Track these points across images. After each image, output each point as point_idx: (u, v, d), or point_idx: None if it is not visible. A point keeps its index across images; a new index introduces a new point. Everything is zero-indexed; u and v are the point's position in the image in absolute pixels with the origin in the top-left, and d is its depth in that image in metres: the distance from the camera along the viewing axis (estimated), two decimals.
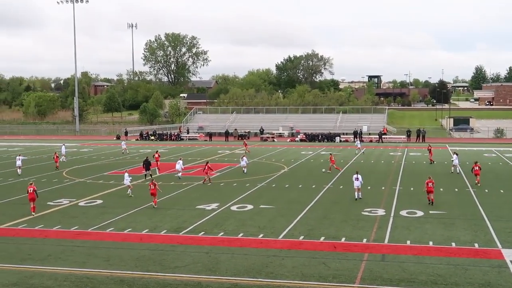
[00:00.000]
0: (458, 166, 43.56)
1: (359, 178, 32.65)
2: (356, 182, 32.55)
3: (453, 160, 43.77)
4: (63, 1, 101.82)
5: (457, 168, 43.52)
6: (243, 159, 45.55)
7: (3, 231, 25.56)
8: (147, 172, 41.71)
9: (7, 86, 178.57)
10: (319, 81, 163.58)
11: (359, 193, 32.57)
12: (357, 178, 32.61)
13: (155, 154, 49.33)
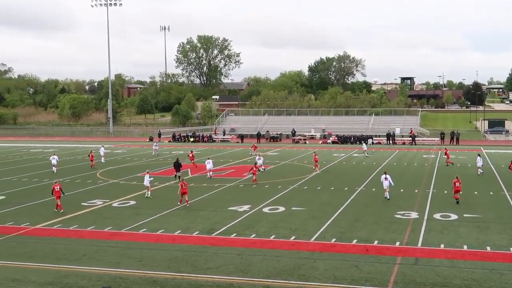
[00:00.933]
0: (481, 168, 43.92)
1: (388, 178, 33.09)
2: (385, 182, 33.01)
3: (477, 162, 44.07)
4: (97, 4, 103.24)
5: (479, 170, 43.83)
6: (260, 158, 46.81)
7: (39, 231, 25.99)
8: (178, 174, 41.97)
9: (43, 88, 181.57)
10: (351, 83, 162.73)
11: (387, 194, 32.92)
12: (386, 178, 33.08)
13: (189, 153, 50.68)
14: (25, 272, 19.67)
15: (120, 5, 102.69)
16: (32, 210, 30.87)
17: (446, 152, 51.84)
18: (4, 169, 49.99)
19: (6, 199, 34.51)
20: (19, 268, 20.08)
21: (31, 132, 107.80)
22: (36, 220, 28.22)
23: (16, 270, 19.88)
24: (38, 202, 33.28)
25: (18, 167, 52.04)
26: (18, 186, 39.93)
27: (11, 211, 30.75)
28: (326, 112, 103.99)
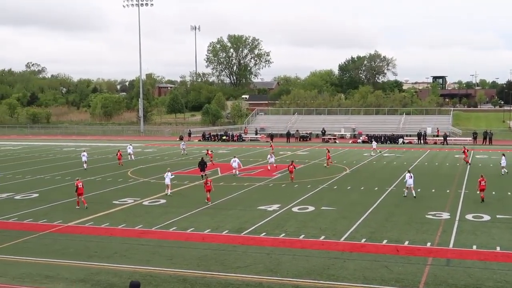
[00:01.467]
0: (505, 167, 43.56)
1: (412, 176, 33.67)
2: (409, 180, 33.44)
3: (502, 161, 43.89)
4: (128, 5, 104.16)
5: (503, 170, 43.49)
6: (272, 155, 48.83)
7: (71, 229, 26.35)
8: (203, 173, 42.13)
9: (75, 88, 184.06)
10: (382, 82, 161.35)
11: (413, 191, 33.27)
12: (410, 176, 33.56)
13: (207, 151, 53.51)
14: (58, 269, 19.96)
15: (151, 5, 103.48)
16: (65, 208, 31.30)
17: (464, 152, 51.53)
18: (37, 168, 50.79)
19: (40, 197, 35.07)
20: (52, 265, 20.38)
21: (63, 131, 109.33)
22: (69, 217, 28.61)
23: (48, 267, 20.19)
24: (70, 200, 33.70)
25: (51, 165, 52.83)
26: (51, 184, 40.54)
27: (44, 208, 31.23)
28: (357, 111, 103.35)
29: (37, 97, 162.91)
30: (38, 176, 44.78)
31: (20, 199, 34.66)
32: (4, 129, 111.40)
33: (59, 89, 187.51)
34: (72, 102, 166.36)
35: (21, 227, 26.72)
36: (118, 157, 52.51)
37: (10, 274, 19.34)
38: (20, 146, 77.73)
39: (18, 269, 19.98)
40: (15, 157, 62.07)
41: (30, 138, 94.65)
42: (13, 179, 43.48)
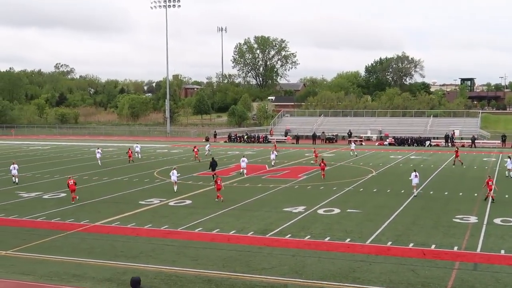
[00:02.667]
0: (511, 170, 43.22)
1: (418, 176, 34.98)
2: (415, 179, 34.65)
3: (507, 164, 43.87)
4: (156, 6, 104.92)
5: (510, 173, 43.23)
6: (274, 152, 53.25)
7: (98, 228, 26.60)
8: (214, 173, 42.28)
9: (103, 89, 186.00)
10: (409, 84, 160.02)
11: (415, 190, 34.73)
12: (416, 175, 34.73)
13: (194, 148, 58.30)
14: (85, 268, 20.17)
15: (178, 6, 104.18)
16: (92, 208, 31.63)
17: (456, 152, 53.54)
18: (65, 167, 51.41)
19: (67, 197, 35.42)
20: (79, 264, 20.59)
21: (91, 131, 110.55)
22: (96, 217, 28.89)
23: (76, 266, 20.40)
24: (97, 200, 34.08)
25: (79, 165, 53.43)
26: (78, 184, 40.82)
27: (71, 208, 31.59)
28: (383, 113, 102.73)
29: (65, 98, 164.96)
30: (66, 176, 45.20)
31: (48, 198, 35.11)
32: (33, 129, 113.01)
33: (87, 89, 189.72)
34: (100, 103, 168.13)
35: (49, 226, 27.06)
36: (129, 155, 56.06)
37: (38, 273, 19.59)
38: (49, 146, 78.77)
39: (46, 267, 20.24)
40: (44, 156, 62.92)
41: (58, 138, 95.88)
42: (41, 179, 44.08)
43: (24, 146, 78.59)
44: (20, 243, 23.71)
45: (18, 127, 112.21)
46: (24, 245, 23.37)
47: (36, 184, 41.24)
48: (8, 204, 32.86)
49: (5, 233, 25.81)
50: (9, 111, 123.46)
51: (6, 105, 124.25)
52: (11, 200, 34.37)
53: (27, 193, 36.75)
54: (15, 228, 26.76)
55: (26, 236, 24.97)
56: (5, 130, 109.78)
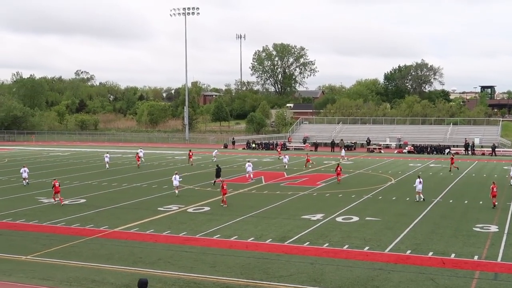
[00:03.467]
0: None
1: (422, 182, 35.72)
2: (419, 186, 35.36)
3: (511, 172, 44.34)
4: (175, 13, 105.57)
5: None
6: (286, 157, 56.92)
7: (117, 234, 26.74)
8: (218, 180, 42.65)
9: (123, 96, 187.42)
10: (429, 92, 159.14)
11: (421, 196, 35.49)
12: (420, 181, 35.48)
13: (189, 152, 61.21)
14: (104, 273, 20.28)
15: (197, 14, 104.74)
16: (111, 214, 31.81)
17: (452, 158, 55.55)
18: (85, 174, 51.80)
19: (87, 202, 35.73)
20: (98, 270, 20.71)
21: (111, 138, 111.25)
22: (115, 223, 29.06)
23: (95, 271, 20.53)
24: (117, 206, 34.28)
25: (98, 171, 53.81)
26: (98, 190, 41.27)
27: (91, 214, 31.80)
28: (402, 121, 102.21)
29: (85, 104, 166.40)
30: (85, 182, 45.66)
31: (68, 204, 35.37)
32: (53, 135, 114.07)
33: (106, 96, 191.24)
34: (119, 110, 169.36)
35: (68, 232, 27.26)
36: (137, 159, 58.66)
37: (58, 278, 19.73)
38: (69, 152, 79.44)
39: (65, 272, 20.39)
40: (63, 162, 63.46)
41: (78, 144, 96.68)
42: (61, 185, 44.25)
43: (44, 152, 79.33)
44: (40, 248, 23.92)
45: (39, 133, 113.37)
46: (44, 250, 23.58)
47: None
48: (28, 210, 33.18)
49: (26, 238, 26.05)
50: (30, 117, 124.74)
51: (27, 111, 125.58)
52: (31, 205, 34.69)
53: (47, 199, 37.05)
54: (35, 233, 26.99)
55: (46, 242, 25.19)
56: (26, 136, 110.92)
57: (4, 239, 25.71)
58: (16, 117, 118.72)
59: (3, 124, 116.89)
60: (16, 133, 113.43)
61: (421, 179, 35.93)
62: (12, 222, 29.58)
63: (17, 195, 38.67)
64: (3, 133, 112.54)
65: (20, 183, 44.63)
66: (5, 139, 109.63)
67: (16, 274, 20.18)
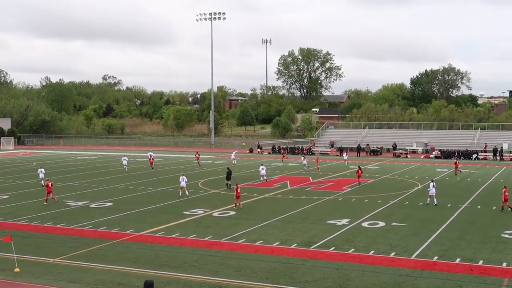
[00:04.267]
0: None
1: (435, 186, 36.33)
2: (432, 190, 35.97)
3: None
4: (202, 18, 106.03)
5: None
6: (305, 158, 59.67)
7: (143, 238, 26.92)
8: (228, 182, 43.89)
9: (149, 100, 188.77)
10: (456, 96, 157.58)
11: (434, 200, 35.80)
12: (433, 185, 36.10)
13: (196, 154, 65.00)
14: (130, 276, 20.42)
15: (223, 19, 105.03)
16: (137, 217, 32.04)
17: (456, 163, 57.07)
18: (111, 177, 52.26)
19: (114, 206, 36.04)
20: (124, 273, 20.87)
21: (137, 142, 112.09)
22: (141, 226, 29.25)
23: (121, 275, 20.68)
24: (143, 210, 34.51)
25: (125, 175, 54.23)
26: (124, 194, 41.59)
27: (117, 217, 32.06)
28: (429, 125, 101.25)
29: (112, 109, 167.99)
30: (112, 186, 46.06)
31: (95, 207, 35.73)
32: (81, 139, 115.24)
33: (133, 101, 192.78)
34: (146, 114, 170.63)
35: (95, 235, 27.52)
36: (151, 162, 60.68)
37: (85, 280, 19.93)
38: (96, 156, 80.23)
39: (92, 275, 20.58)
40: (91, 166, 64.11)
41: (105, 148, 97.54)
42: (88, 188, 44.90)
43: (72, 156, 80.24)
44: (68, 251, 24.19)
45: (67, 137, 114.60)
46: (72, 253, 23.83)
47: (83, 193, 42.02)
48: (56, 213, 33.58)
49: (53, 241, 26.36)
50: (58, 122, 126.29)
51: (55, 115, 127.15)
52: (59, 208, 35.10)
53: (75, 202, 37.48)
54: (63, 236, 27.30)
55: (73, 244, 25.46)
56: (54, 140, 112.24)
57: (33, 242, 26.06)
58: (45, 121, 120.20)
59: (31, 128, 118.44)
60: (45, 137, 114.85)
61: (434, 183, 36.49)
62: (41, 225, 29.97)
63: (45, 198, 39.12)
64: (31, 137, 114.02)
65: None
66: (34, 143, 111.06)
67: (44, 277, 20.44)
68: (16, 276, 20.50)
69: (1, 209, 35.08)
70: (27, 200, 38.12)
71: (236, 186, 35.71)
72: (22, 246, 24.54)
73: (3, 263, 22.24)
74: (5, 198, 39.43)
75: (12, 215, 32.72)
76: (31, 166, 64.23)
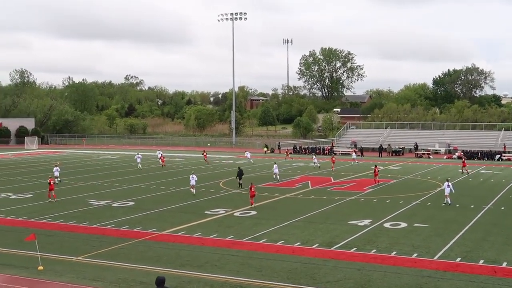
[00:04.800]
0: None
1: (450, 185, 36.51)
2: (447, 189, 36.15)
3: None
4: (223, 19, 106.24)
5: None
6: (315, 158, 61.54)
7: (165, 237, 27.05)
8: (240, 182, 44.17)
9: (171, 100, 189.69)
10: (479, 96, 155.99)
11: (448, 200, 35.97)
12: (448, 185, 36.32)
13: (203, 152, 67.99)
14: (151, 275, 20.48)
15: (245, 19, 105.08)
16: (159, 217, 32.20)
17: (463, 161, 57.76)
18: (134, 177, 52.58)
19: (136, 205, 36.27)
20: (146, 272, 20.99)
21: (159, 142, 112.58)
22: (163, 226, 29.40)
23: (143, 273, 20.81)
24: (165, 209, 34.68)
25: (147, 175, 54.55)
26: (146, 193, 41.82)
27: (139, 216, 32.26)
28: (452, 126, 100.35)
29: (134, 109, 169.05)
30: (134, 185, 46.35)
31: (117, 206, 35.99)
32: (103, 139, 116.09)
33: (155, 101, 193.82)
34: (167, 114, 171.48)
35: (117, 234, 27.73)
36: (162, 160, 62.67)
37: (107, 279, 20.09)
38: (118, 155, 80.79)
39: (114, 274, 20.74)
40: (113, 166, 64.60)
41: (127, 148, 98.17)
42: (111, 187, 45.24)
43: (94, 155, 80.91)
44: (90, 250, 24.41)
45: (89, 137, 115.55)
46: (94, 252, 24.04)
47: (106, 192, 42.35)
48: (79, 212, 33.89)
49: (76, 239, 26.61)
50: (81, 121, 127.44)
51: (78, 115, 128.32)
52: (82, 207, 35.43)
53: (97, 201, 37.79)
54: (86, 235, 27.55)
55: (96, 243, 25.68)
56: (77, 139, 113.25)
57: (56, 240, 26.33)
58: (68, 121, 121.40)
59: (55, 128, 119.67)
60: (68, 136, 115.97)
61: (449, 183, 36.79)
62: (64, 224, 30.28)
63: (69, 197, 39.56)
64: (55, 136, 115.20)
65: (72, 185, 45.78)
66: (57, 143, 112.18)
67: (67, 275, 20.65)
68: (39, 274, 20.74)
69: (26, 208, 35.51)
70: (50, 199, 38.44)
71: (250, 185, 36.08)
72: (45, 244, 24.83)
73: (27, 261, 22.52)
74: (29, 197, 39.88)
75: (36, 214, 33.11)
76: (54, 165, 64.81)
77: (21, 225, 30.17)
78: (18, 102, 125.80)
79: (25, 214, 32.98)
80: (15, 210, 34.64)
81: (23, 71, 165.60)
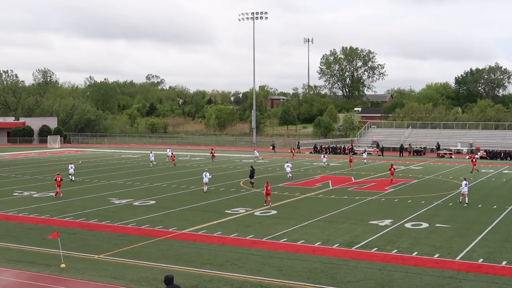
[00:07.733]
0: None
1: (467, 184, 36.51)
2: (464, 188, 36.10)
3: None
4: (244, 18, 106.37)
5: None
6: (325, 156, 62.95)
7: (186, 236, 27.16)
8: (251, 180, 44.59)
9: (191, 99, 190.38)
10: (502, 96, 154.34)
11: (466, 199, 35.92)
12: (466, 184, 36.29)
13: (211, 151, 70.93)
14: (172, 274, 20.57)
15: (266, 18, 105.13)
16: (180, 215, 32.34)
17: (472, 160, 57.64)
18: (155, 175, 52.87)
19: (156, 204, 36.47)
20: (167, 270, 21.05)
21: (179, 141, 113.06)
22: (183, 225, 29.53)
23: (164, 272, 20.84)
24: (185, 208, 34.82)
25: (167, 173, 54.81)
26: (167, 192, 42.03)
27: (160, 215, 32.42)
28: (474, 125, 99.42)
29: (155, 108, 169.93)
30: (155, 184, 46.59)
31: (139, 205, 36.22)
32: (124, 138, 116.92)
33: (176, 100, 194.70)
34: (188, 113, 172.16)
35: (139, 232, 27.90)
36: (172, 158, 64.78)
37: (129, 277, 20.24)
38: (139, 154, 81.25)
39: (136, 272, 20.88)
40: (134, 165, 65.00)
41: (148, 147, 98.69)
42: (132, 186, 45.54)
43: (116, 154, 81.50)
44: (112, 248, 24.59)
45: (111, 136, 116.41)
46: (116, 250, 24.22)
47: (127, 191, 42.64)
48: (101, 210, 34.16)
49: (98, 237, 26.83)
50: (103, 121, 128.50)
51: (100, 114, 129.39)
52: (104, 206, 35.70)
53: (119, 200, 38.06)
54: (107, 233, 27.76)
55: (117, 242, 25.86)
56: (99, 138, 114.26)
57: (78, 238, 26.57)
58: (90, 120, 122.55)
59: (77, 127, 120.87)
60: (90, 135, 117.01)
61: (466, 182, 36.76)
62: (86, 222, 30.54)
63: (90, 196, 39.91)
64: (77, 135, 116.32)
65: (94, 184, 46.18)
66: (79, 141, 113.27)
67: (89, 273, 20.83)
68: (62, 272, 20.95)
69: (48, 206, 35.88)
70: (72, 198, 38.86)
71: (266, 184, 35.98)
72: (68, 242, 25.05)
73: (50, 258, 22.76)
74: (51, 195, 40.27)
75: (58, 212, 33.43)
76: (76, 164, 65.43)
77: (44, 223, 30.49)
78: (41, 102, 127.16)
79: (47, 212, 33.32)
80: (38, 208, 35.02)
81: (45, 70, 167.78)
